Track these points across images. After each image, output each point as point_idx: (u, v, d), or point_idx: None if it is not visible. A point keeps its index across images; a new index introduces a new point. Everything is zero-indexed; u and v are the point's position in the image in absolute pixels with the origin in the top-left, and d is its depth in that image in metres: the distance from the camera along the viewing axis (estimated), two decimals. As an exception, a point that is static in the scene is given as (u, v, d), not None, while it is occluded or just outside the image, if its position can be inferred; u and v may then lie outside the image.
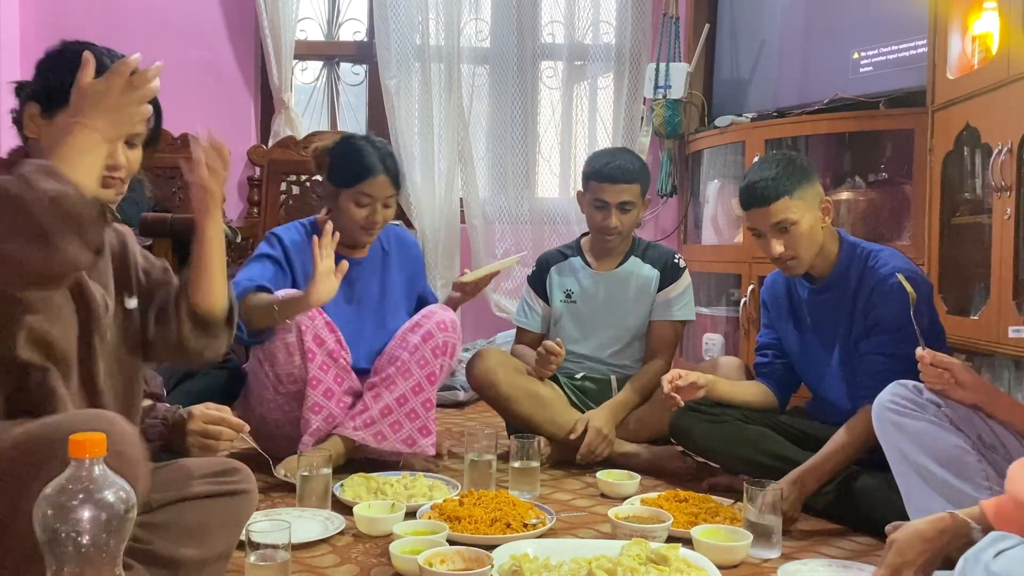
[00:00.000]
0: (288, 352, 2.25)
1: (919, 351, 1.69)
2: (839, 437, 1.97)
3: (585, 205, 2.67)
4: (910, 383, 1.69)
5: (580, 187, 2.69)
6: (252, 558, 1.44)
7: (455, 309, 2.58)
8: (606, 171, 2.57)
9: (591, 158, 2.69)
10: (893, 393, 1.69)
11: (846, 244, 2.13)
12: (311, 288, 2.12)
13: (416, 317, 2.44)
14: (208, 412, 1.77)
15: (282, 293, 2.25)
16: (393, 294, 2.55)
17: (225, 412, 1.79)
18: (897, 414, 1.66)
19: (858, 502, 1.95)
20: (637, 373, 2.63)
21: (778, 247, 2.07)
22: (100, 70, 1.25)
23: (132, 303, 1.50)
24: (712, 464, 2.36)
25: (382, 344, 2.44)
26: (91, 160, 1.19)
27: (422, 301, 2.63)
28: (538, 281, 2.77)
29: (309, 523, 1.85)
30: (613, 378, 2.66)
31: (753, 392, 2.27)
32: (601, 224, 2.61)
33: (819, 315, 2.18)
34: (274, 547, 1.45)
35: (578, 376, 2.67)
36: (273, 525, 1.50)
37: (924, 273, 2.12)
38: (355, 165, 2.34)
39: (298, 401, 2.27)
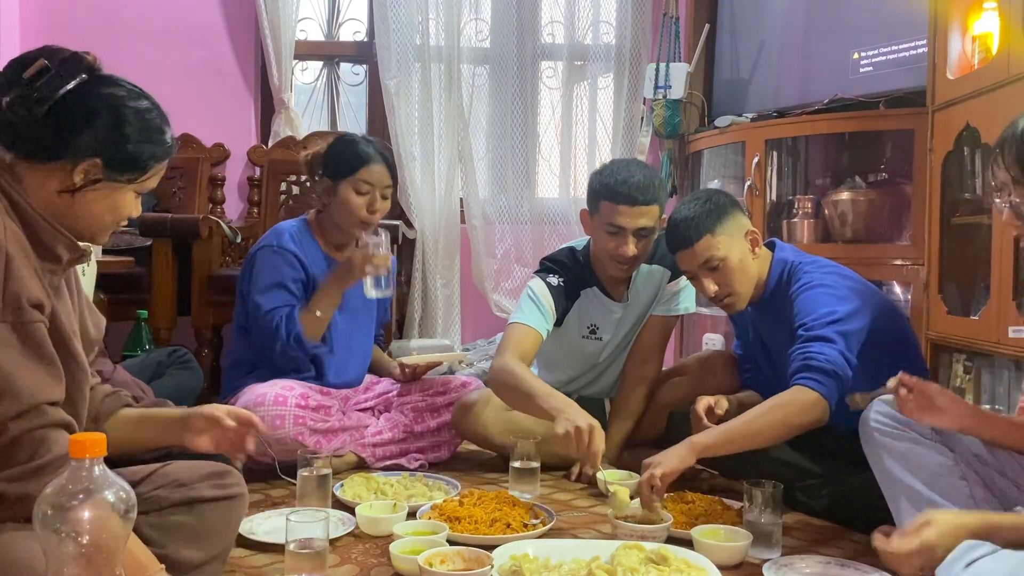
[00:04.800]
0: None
1: (890, 382, 1.63)
2: (751, 412, 1.89)
3: (593, 228, 2.30)
4: (893, 399, 1.68)
5: (581, 201, 2.36)
6: (292, 546, 1.46)
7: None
8: (623, 191, 2.19)
9: (602, 173, 2.28)
10: (878, 412, 1.68)
11: (775, 261, 2.15)
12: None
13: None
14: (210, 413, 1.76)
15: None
16: (372, 304, 2.56)
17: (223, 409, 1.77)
18: (881, 434, 1.65)
19: (857, 502, 1.95)
20: (625, 396, 2.44)
21: (711, 286, 2.08)
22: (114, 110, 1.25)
23: None
24: (711, 471, 2.36)
25: (364, 352, 2.55)
26: None
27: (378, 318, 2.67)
28: (567, 294, 2.37)
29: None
30: (606, 401, 2.55)
31: (747, 404, 2.26)
32: (615, 253, 2.25)
33: (765, 331, 2.20)
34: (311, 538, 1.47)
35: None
36: (311, 516, 1.51)
37: (860, 279, 2.13)
38: (352, 154, 2.38)
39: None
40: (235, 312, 2.50)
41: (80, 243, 1.29)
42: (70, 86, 1.24)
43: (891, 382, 1.64)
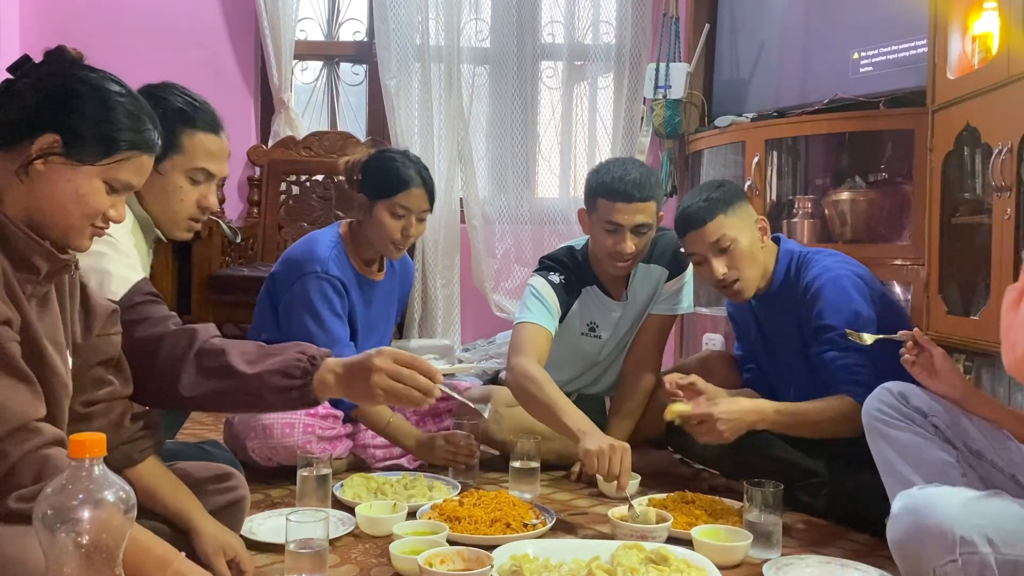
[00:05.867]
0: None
1: (901, 333, 1.71)
2: (809, 405, 1.98)
3: (591, 226, 2.32)
4: (896, 390, 1.69)
5: (581, 201, 2.35)
6: (291, 546, 1.46)
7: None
8: (619, 188, 2.21)
9: (598, 172, 2.30)
10: (879, 400, 1.69)
11: (782, 253, 2.16)
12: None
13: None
14: (399, 352, 1.44)
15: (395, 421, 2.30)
16: (392, 314, 2.58)
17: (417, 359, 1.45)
18: (883, 424, 1.66)
19: (858, 502, 1.96)
20: (624, 396, 2.45)
21: (721, 267, 2.08)
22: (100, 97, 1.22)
23: (70, 362, 1.32)
24: (711, 471, 2.36)
25: None
26: None
27: None
28: (568, 292, 2.38)
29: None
30: (607, 398, 2.56)
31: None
32: (613, 250, 2.26)
33: (770, 326, 2.20)
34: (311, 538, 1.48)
35: (570, 398, 2.48)
36: (311, 516, 1.51)
37: (868, 271, 2.15)
38: (392, 176, 2.32)
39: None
40: (258, 322, 2.42)
41: (64, 255, 1.23)
42: (47, 74, 1.22)
43: (903, 334, 1.70)
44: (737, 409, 1.95)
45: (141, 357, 1.43)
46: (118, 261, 1.53)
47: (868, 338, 1.80)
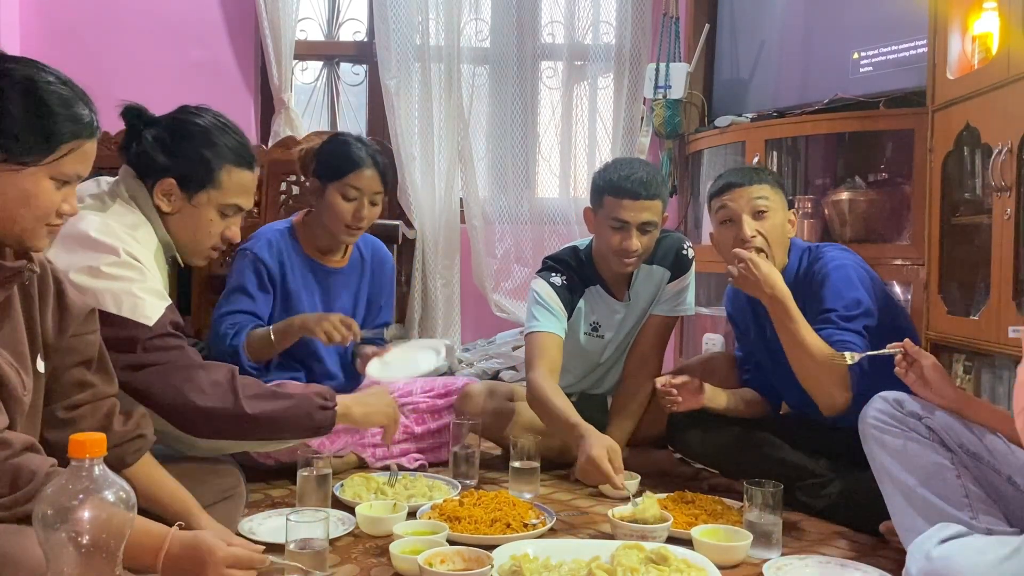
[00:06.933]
0: None
1: (890, 347, 1.73)
2: (813, 334, 1.96)
3: (597, 224, 2.34)
4: (891, 397, 1.71)
5: (581, 201, 2.38)
6: (291, 546, 1.46)
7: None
8: (626, 186, 2.23)
9: (605, 170, 2.33)
10: (875, 408, 1.71)
11: (793, 249, 2.18)
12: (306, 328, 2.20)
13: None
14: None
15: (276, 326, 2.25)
16: (360, 308, 2.52)
17: None
18: (879, 431, 1.68)
19: (858, 502, 1.96)
20: (625, 396, 2.45)
21: (750, 228, 2.09)
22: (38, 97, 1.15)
23: (41, 366, 1.28)
24: (711, 471, 2.36)
25: (346, 356, 2.49)
26: None
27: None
28: (571, 291, 2.40)
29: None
30: (609, 398, 2.56)
31: (750, 400, 2.27)
32: (619, 247, 2.27)
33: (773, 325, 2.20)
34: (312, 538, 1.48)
35: (572, 397, 2.49)
36: (311, 516, 1.52)
37: (870, 268, 2.15)
38: (343, 158, 2.32)
39: None
40: None
41: (20, 259, 1.19)
42: None
43: (891, 347, 1.72)
44: (766, 267, 1.98)
45: (184, 375, 1.54)
46: (146, 287, 1.57)
47: (849, 357, 1.81)
